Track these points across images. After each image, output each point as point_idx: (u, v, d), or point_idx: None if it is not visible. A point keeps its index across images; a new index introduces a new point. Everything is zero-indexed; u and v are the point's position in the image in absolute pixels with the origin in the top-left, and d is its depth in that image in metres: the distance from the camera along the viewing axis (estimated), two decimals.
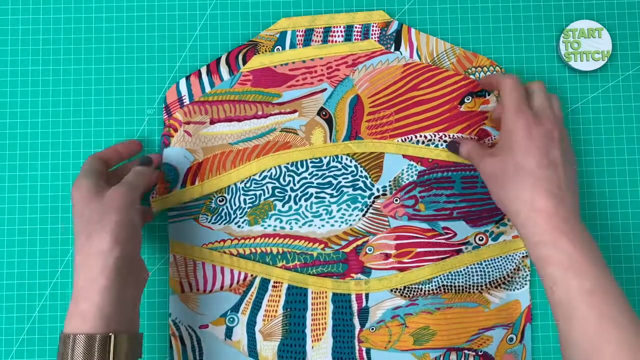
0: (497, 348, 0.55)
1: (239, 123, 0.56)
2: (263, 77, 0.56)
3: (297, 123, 0.56)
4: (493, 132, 0.56)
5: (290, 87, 0.56)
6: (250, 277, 0.56)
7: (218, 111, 0.56)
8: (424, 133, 0.56)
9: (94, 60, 0.58)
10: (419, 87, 0.56)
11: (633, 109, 0.58)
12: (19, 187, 0.57)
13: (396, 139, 0.56)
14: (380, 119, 0.56)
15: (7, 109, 0.58)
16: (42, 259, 0.57)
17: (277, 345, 0.55)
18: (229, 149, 0.56)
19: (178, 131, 0.56)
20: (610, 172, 0.57)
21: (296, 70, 0.57)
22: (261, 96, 0.56)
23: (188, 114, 0.56)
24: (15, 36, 0.58)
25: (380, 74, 0.56)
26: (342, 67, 0.56)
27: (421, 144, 0.56)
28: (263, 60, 0.57)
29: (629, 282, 0.56)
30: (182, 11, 0.59)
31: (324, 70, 0.56)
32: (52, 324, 0.56)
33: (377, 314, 0.55)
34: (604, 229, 0.57)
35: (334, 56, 0.57)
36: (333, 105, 0.56)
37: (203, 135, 0.56)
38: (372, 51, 0.56)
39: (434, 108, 0.56)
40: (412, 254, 0.56)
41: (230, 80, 0.56)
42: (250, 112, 0.56)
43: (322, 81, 0.56)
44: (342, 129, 0.56)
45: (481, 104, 0.56)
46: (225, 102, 0.56)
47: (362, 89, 0.56)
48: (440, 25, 0.59)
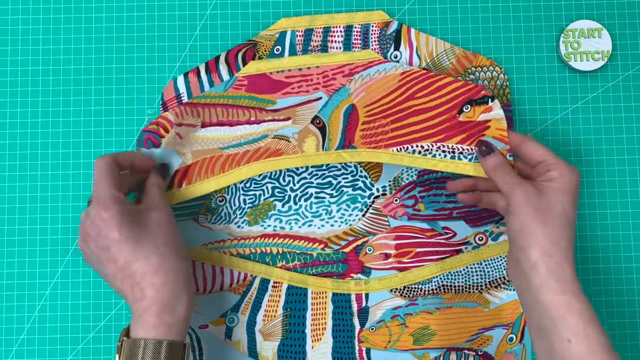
0: (497, 348, 0.55)
1: (230, 128, 0.54)
2: (258, 83, 0.55)
3: (290, 130, 0.54)
4: (494, 143, 0.51)
5: (285, 94, 0.55)
6: (250, 277, 0.56)
7: (210, 114, 0.54)
8: (421, 143, 0.53)
9: (94, 60, 0.58)
10: (416, 96, 0.54)
11: (633, 109, 0.58)
12: (19, 187, 0.57)
13: (391, 148, 0.53)
14: (375, 128, 0.54)
15: (7, 109, 0.58)
16: (42, 259, 0.57)
17: (277, 345, 0.55)
18: (218, 154, 0.54)
19: (169, 132, 0.53)
20: (610, 172, 0.57)
21: (292, 78, 0.55)
22: (255, 102, 0.55)
23: (180, 115, 0.53)
24: (15, 36, 0.58)
25: (377, 83, 0.54)
26: (339, 76, 0.55)
27: (417, 154, 0.53)
28: (259, 66, 0.55)
29: (629, 282, 0.56)
30: (182, 11, 0.59)
31: (320, 79, 0.55)
32: (52, 324, 0.56)
33: (377, 314, 0.55)
34: (604, 229, 0.57)
35: (331, 65, 0.55)
36: (327, 114, 0.54)
37: (193, 138, 0.54)
38: (370, 61, 0.55)
39: (431, 118, 0.53)
40: (412, 254, 0.56)
41: (225, 84, 0.55)
42: (243, 117, 0.55)
43: (318, 90, 0.55)
44: (336, 137, 0.54)
45: (481, 112, 0.52)
46: (218, 105, 0.55)
47: (357, 98, 0.54)
48: (440, 25, 0.59)
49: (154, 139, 0.53)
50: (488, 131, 0.52)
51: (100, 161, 0.49)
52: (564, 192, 0.47)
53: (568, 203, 0.47)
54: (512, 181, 0.48)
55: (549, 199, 0.47)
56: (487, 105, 0.52)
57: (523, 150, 0.50)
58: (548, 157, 0.49)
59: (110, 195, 0.47)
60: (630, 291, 0.56)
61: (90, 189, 0.57)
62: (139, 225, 0.47)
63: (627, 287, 0.56)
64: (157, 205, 0.50)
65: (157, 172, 0.52)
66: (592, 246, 0.56)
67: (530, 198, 0.47)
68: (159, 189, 0.51)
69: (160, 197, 0.51)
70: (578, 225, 0.57)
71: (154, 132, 0.53)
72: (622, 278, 0.56)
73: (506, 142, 0.51)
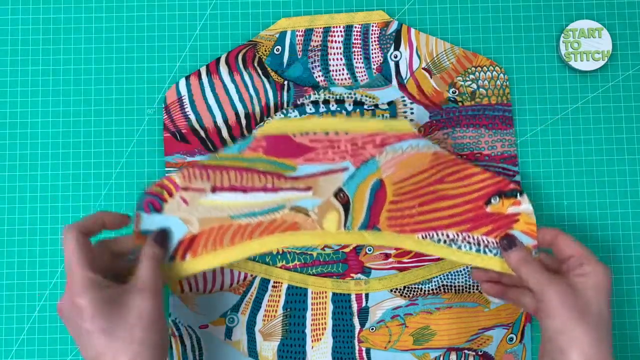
0: (497, 348, 0.55)
1: (244, 194, 0.49)
2: (278, 145, 0.49)
3: (310, 203, 0.49)
4: (523, 238, 0.49)
5: (307, 160, 0.49)
6: (250, 277, 0.56)
7: (222, 178, 0.49)
8: (447, 231, 0.49)
9: (94, 60, 0.58)
10: (445, 180, 0.50)
11: (633, 109, 0.58)
12: (19, 187, 0.57)
13: (417, 234, 0.49)
14: (402, 210, 0.50)
15: (7, 109, 0.58)
16: (42, 259, 0.57)
17: (277, 345, 0.55)
18: (228, 223, 0.49)
19: (173, 196, 0.48)
20: (610, 172, 0.57)
21: (317, 143, 0.49)
22: (274, 167, 0.49)
23: (187, 178, 0.48)
24: (15, 36, 0.58)
25: (408, 159, 0.50)
26: (369, 146, 0.50)
27: (443, 243, 0.49)
28: (281, 125, 0.49)
29: (629, 282, 0.56)
30: (182, 11, 0.59)
31: (348, 147, 0.49)
32: (52, 324, 0.56)
33: (377, 314, 0.55)
34: (604, 229, 0.57)
35: (362, 132, 0.50)
36: (353, 188, 0.50)
37: (201, 204, 0.49)
38: (404, 133, 0.50)
39: (458, 205, 0.50)
40: (412, 253, 0.56)
41: (240, 145, 0.49)
42: (258, 183, 0.49)
43: (345, 159, 0.50)
44: (360, 216, 0.49)
45: (509, 205, 0.49)
46: (232, 168, 0.49)
47: (387, 173, 0.50)
48: (440, 25, 0.59)
49: (156, 203, 0.48)
50: (517, 225, 0.49)
51: (67, 234, 0.44)
52: (599, 290, 0.45)
53: (604, 303, 0.45)
54: (542, 279, 0.46)
55: (585, 298, 0.45)
56: (516, 199, 0.50)
57: (557, 245, 0.49)
58: (582, 252, 0.47)
59: (83, 278, 0.42)
60: (630, 291, 0.56)
61: (91, 189, 0.57)
62: (116, 313, 0.42)
63: (627, 287, 0.56)
64: (144, 288, 0.43)
65: (153, 240, 0.47)
66: (592, 246, 0.56)
67: (566, 298, 0.45)
68: (153, 262, 0.45)
69: (152, 276, 0.44)
70: (578, 225, 0.57)
71: (157, 194, 0.48)
72: (622, 278, 0.56)
73: (534, 237, 0.49)
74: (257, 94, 0.58)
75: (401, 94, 0.57)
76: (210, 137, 0.57)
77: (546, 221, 0.56)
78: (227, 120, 0.57)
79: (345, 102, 0.57)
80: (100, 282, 0.43)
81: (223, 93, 0.57)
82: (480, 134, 0.57)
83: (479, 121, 0.57)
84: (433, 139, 0.57)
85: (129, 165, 0.57)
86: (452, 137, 0.57)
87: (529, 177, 0.57)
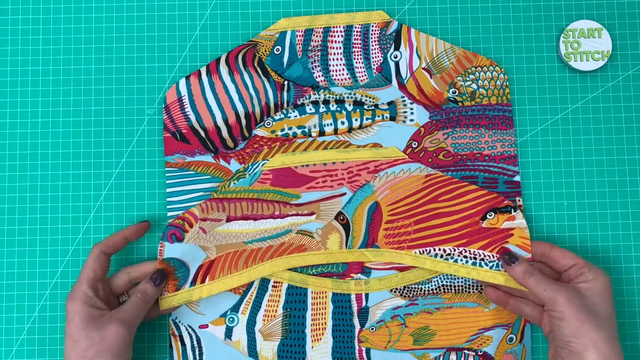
0: (497, 348, 0.55)
1: (254, 222, 0.55)
2: (283, 177, 0.55)
3: (313, 226, 0.55)
4: (516, 251, 0.52)
5: (309, 188, 0.55)
6: None
7: (235, 209, 0.55)
8: (443, 247, 0.54)
9: (94, 60, 0.58)
10: (440, 199, 0.54)
11: (633, 109, 0.58)
12: (19, 187, 0.57)
13: (414, 250, 0.54)
14: (398, 228, 0.54)
15: (7, 109, 0.58)
16: (42, 259, 0.57)
17: (277, 345, 0.55)
18: (242, 248, 0.54)
19: (193, 227, 0.54)
20: (610, 172, 0.57)
21: (317, 173, 0.55)
22: (280, 196, 0.55)
23: (205, 210, 0.55)
24: (15, 36, 0.58)
25: (401, 182, 0.55)
26: (364, 172, 0.55)
27: (439, 258, 0.54)
28: (284, 160, 0.56)
29: (629, 282, 0.56)
30: (182, 11, 0.59)
31: (344, 175, 0.55)
32: (52, 324, 0.56)
33: (377, 314, 0.55)
34: (604, 229, 0.57)
35: (356, 161, 0.55)
36: (351, 211, 0.55)
37: (218, 232, 0.54)
38: (395, 159, 0.55)
39: (454, 222, 0.54)
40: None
41: (250, 178, 0.56)
42: (267, 211, 0.55)
43: (342, 185, 0.55)
44: (359, 235, 0.55)
45: (505, 220, 0.53)
46: (244, 200, 0.55)
47: (382, 196, 0.55)
48: (440, 25, 0.59)
49: (178, 234, 0.54)
50: (511, 239, 0.53)
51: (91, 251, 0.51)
52: (604, 293, 0.48)
53: (610, 305, 0.48)
54: (550, 286, 0.48)
55: (592, 301, 0.48)
56: (510, 214, 0.53)
57: (551, 257, 0.51)
58: (579, 260, 0.50)
59: (79, 289, 0.49)
60: (630, 291, 0.56)
61: (91, 189, 0.57)
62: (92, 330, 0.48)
63: (627, 287, 0.56)
64: (125, 321, 0.49)
65: (150, 278, 0.52)
66: (592, 246, 0.56)
67: (576, 301, 0.47)
68: (140, 298, 0.51)
69: (133, 310, 0.50)
70: (577, 225, 0.57)
71: (179, 227, 0.54)
72: (622, 278, 0.56)
73: (529, 250, 0.52)
74: (257, 94, 0.58)
75: (401, 94, 0.57)
76: (210, 137, 0.57)
77: (546, 221, 0.57)
78: (227, 120, 0.57)
79: (345, 102, 0.57)
80: (89, 299, 0.49)
81: (223, 93, 0.57)
82: (480, 134, 0.57)
83: (479, 121, 0.57)
84: (433, 139, 0.57)
85: (129, 165, 0.57)
86: (452, 137, 0.57)
87: (529, 177, 0.57)
